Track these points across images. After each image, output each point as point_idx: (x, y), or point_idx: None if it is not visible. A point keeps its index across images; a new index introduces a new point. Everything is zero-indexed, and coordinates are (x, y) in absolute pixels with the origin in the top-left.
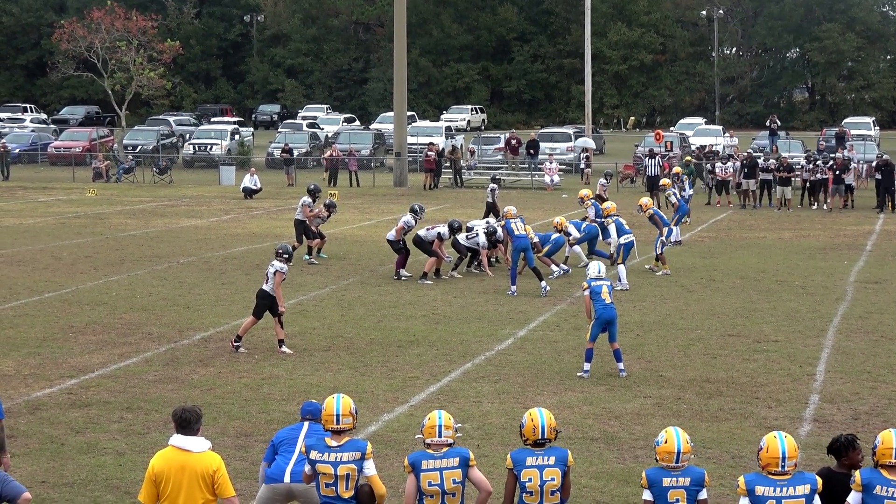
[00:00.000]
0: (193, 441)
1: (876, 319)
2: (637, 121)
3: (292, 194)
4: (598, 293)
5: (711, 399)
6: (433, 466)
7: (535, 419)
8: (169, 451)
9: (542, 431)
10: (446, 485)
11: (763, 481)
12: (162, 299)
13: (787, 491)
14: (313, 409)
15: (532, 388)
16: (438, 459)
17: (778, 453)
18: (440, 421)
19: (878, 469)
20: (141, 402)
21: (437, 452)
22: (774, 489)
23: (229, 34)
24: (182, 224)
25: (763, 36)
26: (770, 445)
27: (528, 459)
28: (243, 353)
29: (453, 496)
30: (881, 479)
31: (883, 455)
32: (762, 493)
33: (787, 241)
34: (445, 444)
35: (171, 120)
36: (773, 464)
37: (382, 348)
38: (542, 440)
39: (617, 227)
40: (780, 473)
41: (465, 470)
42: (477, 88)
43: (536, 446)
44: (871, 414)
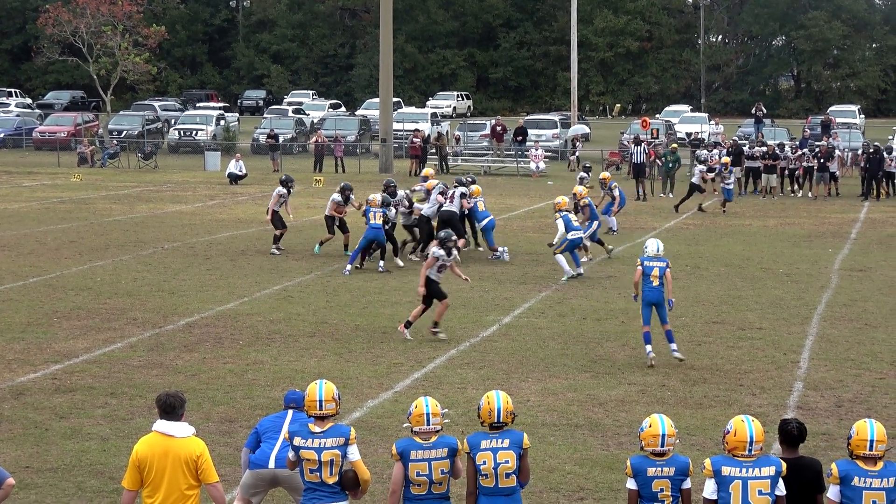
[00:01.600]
0: (177, 426)
1: (860, 307)
2: (623, 108)
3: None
4: (648, 274)
5: (696, 386)
6: (422, 457)
7: (491, 402)
8: (153, 437)
9: (499, 414)
10: (434, 475)
11: (729, 462)
12: (147, 285)
13: (752, 472)
14: (297, 397)
15: (517, 374)
16: (427, 450)
17: (746, 437)
18: (427, 409)
19: (854, 460)
20: (125, 387)
21: (426, 442)
22: (741, 469)
23: (215, 19)
24: (167, 209)
25: (749, 23)
26: (738, 429)
27: (482, 443)
28: (228, 340)
29: (440, 485)
30: (858, 471)
31: (857, 446)
32: (728, 474)
33: (772, 229)
34: (433, 432)
35: (156, 105)
36: (740, 447)
37: (367, 334)
38: (499, 423)
39: (565, 223)
40: (746, 457)
41: (453, 460)
42: (463, 75)
43: (493, 429)
44: (854, 401)
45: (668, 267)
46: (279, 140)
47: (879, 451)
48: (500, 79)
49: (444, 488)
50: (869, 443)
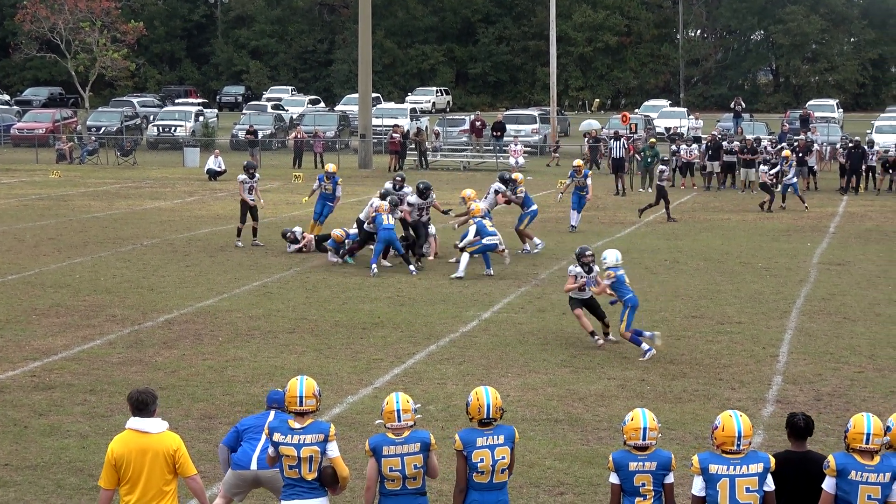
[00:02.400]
0: (151, 422)
1: (839, 301)
2: (602, 103)
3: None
4: (623, 282)
5: (675, 380)
6: (394, 452)
7: (480, 398)
8: (127, 435)
9: (488, 410)
10: (407, 470)
11: (717, 460)
12: (126, 281)
13: (740, 469)
14: (279, 397)
15: (496, 369)
16: (400, 445)
17: (734, 432)
18: (398, 405)
19: (851, 453)
20: (104, 384)
21: (399, 437)
22: (728, 467)
23: (193, 15)
24: (146, 206)
25: (727, 18)
26: (726, 424)
27: (478, 440)
28: (207, 336)
29: (414, 480)
30: (856, 464)
31: (854, 439)
32: (716, 472)
33: (751, 223)
34: (406, 428)
35: (134, 101)
36: (728, 442)
37: (347, 330)
38: (488, 419)
39: (479, 229)
40: (735, 452)
41: (426, 455)
42: (442, 70)
43: (482, 425)
44: (833, 395)
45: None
46: (258, 136)
47: (876, 444)
48: (480, 74)
49: (418, 483)
50: (865, 436)
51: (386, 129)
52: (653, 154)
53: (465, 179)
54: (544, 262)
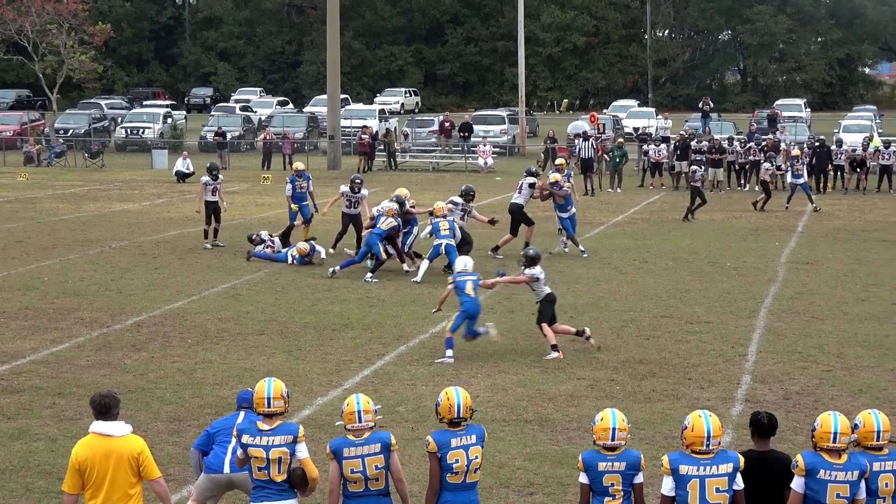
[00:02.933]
0: (114, 426)
1: (807, 300)
2: (570, 103)
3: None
4: (462, 289)
5: (644, 380)
6: (355, 454)
7: (451, 398)
8: (91, 439)
9: (459, 410)
10: (368, 471)
11: (687, 460)
12: (94, 284)
13: (710, 469)
14: (249, 397)
15: (466, 370)
16: (360, 446)
17: (703, 432)
18: (359, 406)
19: (819, 452)
20: (73, 387)
21: (359, 438)
22: (698, 468)
23: (161, 17)
24: (114, 208)
25: (695, 18)
26: (695, 424)
27: (452, 441)
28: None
29: (376, 481)
30: (824, 463)
31: (821, 439)
32: (686, 472)
33: (719, 223)
34: (366, 429)
35: (102, 103)
36: (697, 442)
37: (316, 332)
38: (458, 419)
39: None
40: (704, 452)
41: (387, 455)
42: (410, 71)
43: (452, 425)
44: (801, 394)
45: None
46: (227, 138)
47: (843, 443)
48: (448, 75)
49: (381, 484)
50: (833, 435)
51: (355, 131)
52: (621, 154)
53: (434, 180)
54: (514, 265)
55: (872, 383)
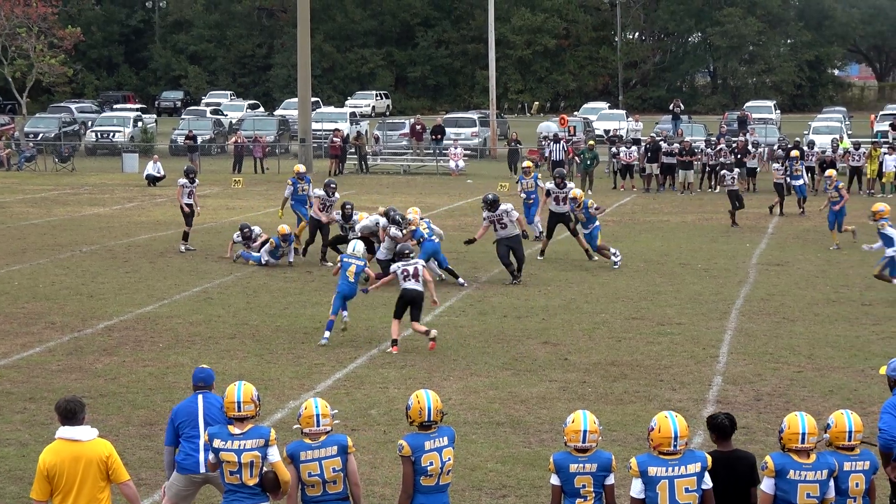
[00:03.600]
0: (81, 430)
1: (778, 301)
2: (541, 105)
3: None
4: (344, 269)
5: (616, 382)
6: (311, 457)
7: (421, 401)
8: (58, 445)
9: (429, 413)
10: (326, 474)
11: (655, 462)
12: (65, 288)
13: (678, 470)
14: (205, 375)
15: (438, 373)
16: (316, 449)
17: (670, 433)
18: (317, 410)
19: (788, 453)
20: (44, 391)
21: (315, 442)
22: (667, 469)
23: (131, 20)
24: (85, 212)
25: (665, 20)
26: (662, 426)
27: (426, 444)
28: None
29: (334, 484)
30: (794, 464)
31: (790, 440)
32: (655, 474)
33: (691, 225)
34: (323, 433)
35: (72, 107)
36: (665, 444)
37: (288, 335)
38: (429, 422)
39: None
40: (672, 453)
41: (344, 457)
42: (381, 74)
43: (423, 428)
44: (773, 395)
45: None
46: (198, 141)
47: (811, 443)
48: (419, 77)
49: (339, 487)
50: (801, 436)
51: (326, 134)
52: (592, 156)
53: (406, 183)
54: (485, 266)
55: (843, 384)
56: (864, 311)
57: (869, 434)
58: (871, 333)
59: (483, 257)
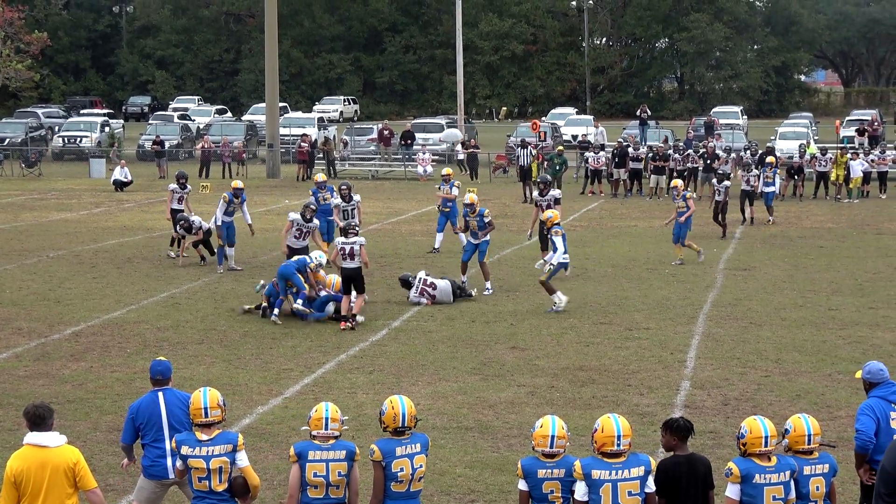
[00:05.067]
0: (49, 437)
1: (745, 306)
2: (509, 111)
3: (164, 186)
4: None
5: (584, 387)
6: (320, 457)
7: (395, 407)
8: (26, 450)
9: (403, 419)
10: (331, 477)
11: (599, 465)
12: (31, 294)
13: (621, 473)
14: (163, 368)
15: (407, 378)
16: (325, 451)
17: (613, 432)
18: (327, 413)
19: (750, 458)
20: (11, 398)
21: (325, 444)
22: (610, 472)
23: (98, 25)
24: (52, 217)
25: (632, 26)
26: (605, 425)
27: (397, 450)
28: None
29: (337, 488)
30: (758, 468)
31: (752, 444)
32: (598, 477)
33: (658, 230)
34: (332, 437)
35: (39, 112)
36: (608, 443)
37: (256, 340)
38: (403, 428)
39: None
40: (615, 454)
41: (350, 464)
42: (349, 79)
43: (397, 434)
44: (740, 399)
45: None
46: (165, 146)
47: (772, 446)
48: (387, 83)
49: (341, 493)
50: (764, 440)
51: (294, 139)
52: (560, 161)
53: (374, 188)
54: (454, 272)
55: (810, 388)
56: (830, 315)
57: (836, 438)
58: (838, 338)
59: (451, 263)
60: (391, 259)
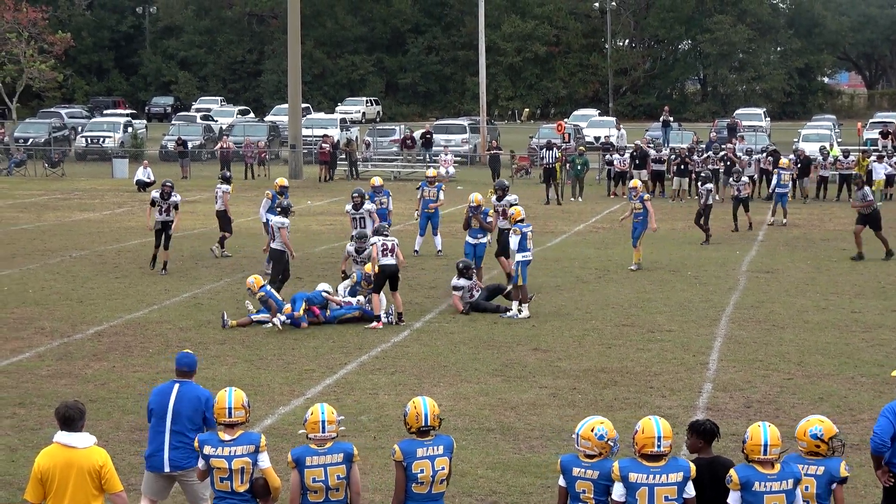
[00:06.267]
0: (78, 437)
1: (767, 308)
2: (531, 112)
3: (187, 187)
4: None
5: (606, 389)
6: (317, 463)
7: (418, 406)
8: (54, 449)
9: (426, 419)
10: (330, 481)
11: (637, 468)
12: (55, 293)
13: (660, 478)
14: (189, 361)
15: (428, 379)
16: (322, 455)
17: (653, 433)
18: (323, 416)
19: (751, 465)
20: (34, 397)
21: (321, 448)
22: (648, 476)
23: (121, 26)
24: (75, 217)
25: (655, 27)
26: (645, 427)
27: (418, 451)
28: (138, 348)
29: (337, 491)
30: (758, 476)
31: (752, 451)
32: (635, 480)
33: (680, 232)
34: (329, 439)
35: (63, 112)
36: (649, 444)
37: (278, 341)
38: (427, 427)
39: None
40: (656, 456)
41: (349, 466)
42: (372, 80)
43: (420, 434)
44: (762, 402)
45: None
46: (188, 147)
47: (774, 454)
48: (409, 84)
49: (341, 495)
50: (763, 447)
51: (316, 140)
52: (582, 162)
53: (396, 189)
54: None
55: (833, 391)
56: (853, 318)
57: (858, 441)
58: (861, 341)
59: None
60: (411, 260)
